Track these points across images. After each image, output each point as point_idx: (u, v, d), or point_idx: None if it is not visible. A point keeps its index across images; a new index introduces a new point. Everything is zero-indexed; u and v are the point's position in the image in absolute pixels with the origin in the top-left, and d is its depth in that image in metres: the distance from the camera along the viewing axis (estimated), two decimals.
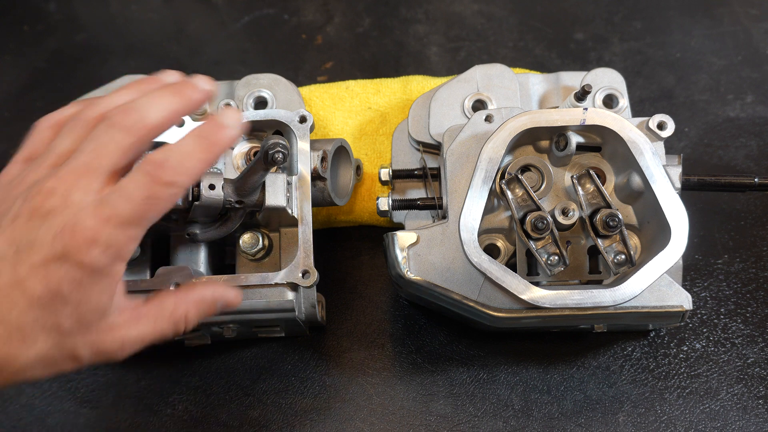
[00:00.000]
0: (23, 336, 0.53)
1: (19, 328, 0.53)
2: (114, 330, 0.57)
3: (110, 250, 0.53)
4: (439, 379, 0.82)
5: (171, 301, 0.61)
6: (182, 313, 0.61)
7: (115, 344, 0.57)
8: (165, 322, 0.60)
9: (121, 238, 0.54)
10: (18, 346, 0.53)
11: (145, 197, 0.54)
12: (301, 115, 0.77)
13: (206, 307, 0.63)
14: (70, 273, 0.52)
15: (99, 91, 0.84)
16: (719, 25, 1.02)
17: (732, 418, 0.78)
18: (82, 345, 0.55)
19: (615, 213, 0.69)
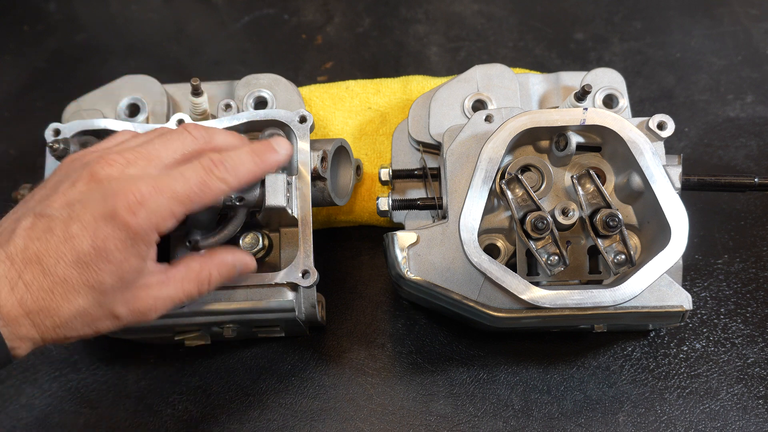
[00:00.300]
0: (66, 289, 0.57)
1: (64, 281, 0.57)
2: (147, 290, 0.61)
3: (154, 217, 0.59)
4: (439, 379, 0.82)
5: (196, 264, 0.65)
6: (206, 274, 0.65)
7: (149, 303, 0.62)
8: (191, 283, 0.64)
9: (166, 210, 0.59)
10: (61, 299, 0.57)
11: (199, 183, 0.61)
12: (301, 115, 0.77)
13: (227, 269, 0.67)
14: (116, 233, 0.58)
15: (99, 92, 0.84)
16: (719, 25, 1.02)
17: (732, 418, 0.78)
18: (120, 303, 0.60)
19: (615, 213, 0.69)
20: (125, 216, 0.58)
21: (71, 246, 0.57)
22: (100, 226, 0.58)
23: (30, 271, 0.57)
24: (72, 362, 0.85)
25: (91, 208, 0.58)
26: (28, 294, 0.57)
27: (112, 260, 0.58)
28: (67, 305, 0.58)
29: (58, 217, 0.58)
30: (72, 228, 0.57)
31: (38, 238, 0.58)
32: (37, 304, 0.57)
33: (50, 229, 0.58)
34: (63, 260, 0.57)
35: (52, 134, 0.77)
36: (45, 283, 0.57)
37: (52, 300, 0.57)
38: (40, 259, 0.57)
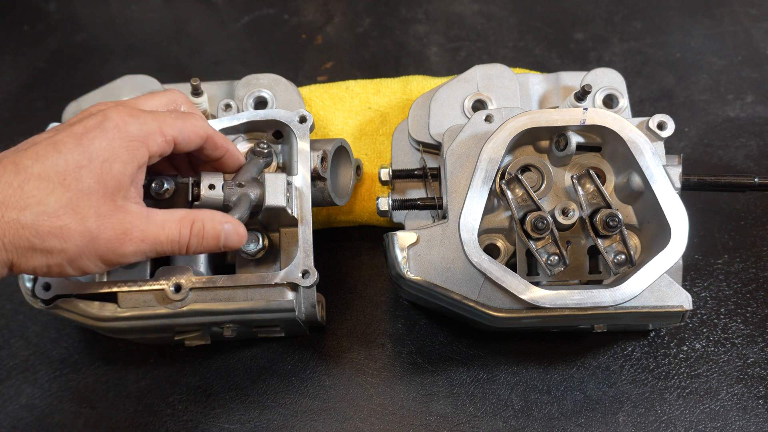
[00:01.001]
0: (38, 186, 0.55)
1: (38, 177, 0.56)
2: (126, 213, 0.59)
3: (145, 128, 0.60)
4: (439, 379, 0.82)
5: (181, 210, 0.63)
6: (189, 220, 0.63)
7: (125, 226, 0.58)
8: (173, 224, 0.62)
9: (155, 127, 0.61)
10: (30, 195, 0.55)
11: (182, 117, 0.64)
12: (301, 115, 0.77)
13: (212, 225, 0.64)
14: (105, 133, 0.58)
15: (99, 92, 0.84)
16: (719, 25, 1.02)
17: (732, 418, 0.78)
18: (94, 213, 0.57)
19: (615, 213, 0.69)
20: (116, 122, 0.59)
21: (54, 148, 0.57)
22: (89, 131, 0.58)
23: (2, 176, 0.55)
24: (72, 362, 0.85)
25: (81, 124, 0.59)
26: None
27: (94, 159, 0.57)
28: (35, 201, 0.55)
29: (43, 136, 0.59)
30: (59, 136, 0.58)
31: (20, 150, 0.58)
32: (3, 197, 0.55)
33: (35, 143, 0.58)
34: (42, 160, 0.56)
35: None
36: (15, 180, 0.55)
37: (20, 195, 0.55)
38: (15, 162, 0.56)
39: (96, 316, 0.73)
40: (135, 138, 0.60)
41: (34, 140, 0.59)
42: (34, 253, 0.56)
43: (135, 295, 0.73)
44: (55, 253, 0.56)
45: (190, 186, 0.69)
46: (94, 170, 0.57)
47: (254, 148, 0.74)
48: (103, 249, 0.58)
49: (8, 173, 0.55)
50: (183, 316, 0.73)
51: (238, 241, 0.66)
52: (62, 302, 0.73)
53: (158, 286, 0.72)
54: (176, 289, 0.72)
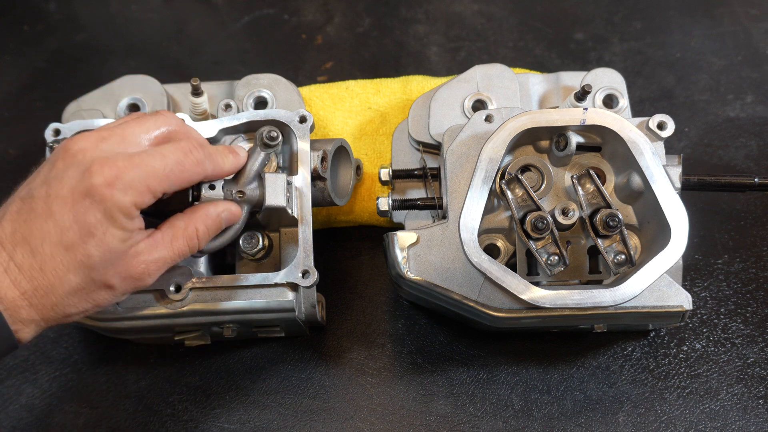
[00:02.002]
0: (56, 266, 0.58)
1: (52, 258, 0.58)
2: (137, 257, 0.62)
3: (131, 190, 0.59)
4: (439, 379, 0.82)
5: (181, 222, 0.65)
6: (193, 229, 0.65)
7: (141, 268, 0.62)
8: (179, 240, 0.64)
9: (142, 184, 0.59)
10: (53, 277, 0.58)
11: (176, 162, 0.61)
12: (301, 115, 0.77)
13: (212, 221, 0.67)
14: (95, 206, 0.58)
15: (99, 92, 0.84)
16: (719, 25, 1.02)
17: (732, 418, 0.78)
18: (112, 274, 0.60)
19: (615, 213, 0.69)
20: (102, 190, 0.58)
21: (54, 223, 0.58)
22: (78, 201, 0.58)
23: (20, 253, 0.58)
24: (72, 362, 0.85)
25: (67, 183, 0.59)
26: (21, 275, 0.58)
27: (95, 234, 0.58)
28: (59, 282, 0.59)
29: (38, 196, 0.59)
30: (52, 205, 0.58)
31: (24, 220, 0.59)
32: (32, 284, 0.58)
33: (33, 209, 0.59)
34: (48, 238, 0.58)
35: (52, 134, 0.77)
36: (35, 262, 0.58)
37: (45, 278, 0.58)
38: (27, 240, 0.58)
39: (96, 316, 0.73)
40: (124, 205, 0.59)
41: (31, 205, 0.59)
42: (68, 317, 0.62)
43: (135, 295, 0.73)
44: (88, 310, 0.62)
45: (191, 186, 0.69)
46: (98, 244, 0.59)
47: (264, 139, 0.70)
48: (129, 290, 0.63)
49: (27, 255, 0.58)
50: (183, 316, 0.73)
51: (235, 219, 0.69)
52: None
53: (158, 286, 0.72)
54: (176, 289, 0.72)
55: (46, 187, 0.59)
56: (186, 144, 0.63)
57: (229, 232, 0.70)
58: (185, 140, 0.64)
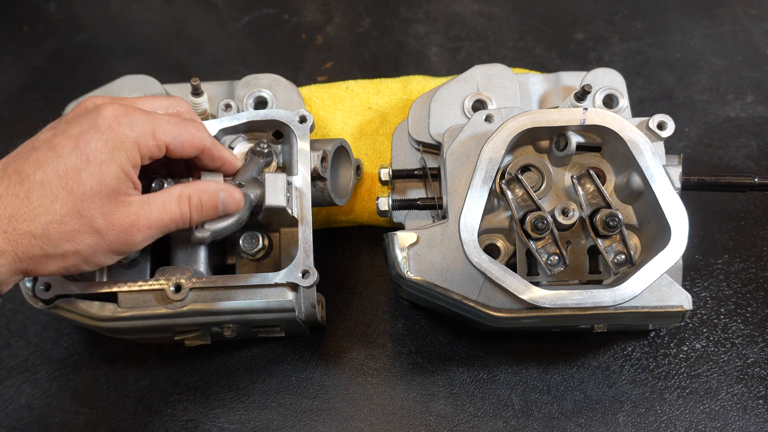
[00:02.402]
0: (43, 193, 0.57)
1: (41, 185, 0.57)
2: (129, 206, 0.60)
3: (137, 128, 0.60)
4: (439, 379, 0.82)
5: (177, 188, 0.64)
6: (187, 195, 0.64)
7: (130, 218, 0.60)
8: (173, 203, 0.63)
9: (147, 127, 0.61)
10: (36, 204, 0.57)
11: (182, 124, 0.64)
12: (301, 115, 0.77)
13: (209, 195, 0.65)
14: (99, 135, 0.59)
15: (99, 92, 0.84)
16: (719, 25, 1.02)
17: (732, 418, 0.78)
18: (99, 213, 0.59)
19: (615, 213, 0.69)
20: (108, 121, 0.59)
21: (53, 152, 0.58)
22: (84, 132, 0.59)
23: (5, 183, 0.57)
24: (72, 362, 0.85)
25: (77, 123, 0.60)
26: (0, 202, 0.56)
27: (91, 161, 0.58)
28: (43, 210, 0.57)
29: (41, 138, 0.60)
30: (56, 140, 0.59)
31: (21, 156, 0.59)
32: (8, 211, 0.56)
33: (35, 147, 0.59)
34: (43, 166, 0.57)
35: None
36: (21, 190, 0.57)
37: (27, 206, 0.57)
38: (18, 171, 0.57)
39: (96, 316, 0.73)
40: (127, 139, 0.60)
41: (33, 144, 0.60)
42: (48, 259, 0.59)
43: (135, 295, 0.73)
44: (69, 255, 0.59)
45: None
46: (93, 172, 0.58)
47: (254, 148, 0.74)
48: (114, 243, 0.60)
49: (13, 184, 0.57)
50: (183, 316, 0.73)
51: (235, 205, 0.67)
52: (62, 302, 0.73)
53: (158, 286, 0.72)
54: (176, 289, 0.72)
55: (52, 130, 0.60)
56: (193, 121, 0.66)
57: (231, 219, 0.69)
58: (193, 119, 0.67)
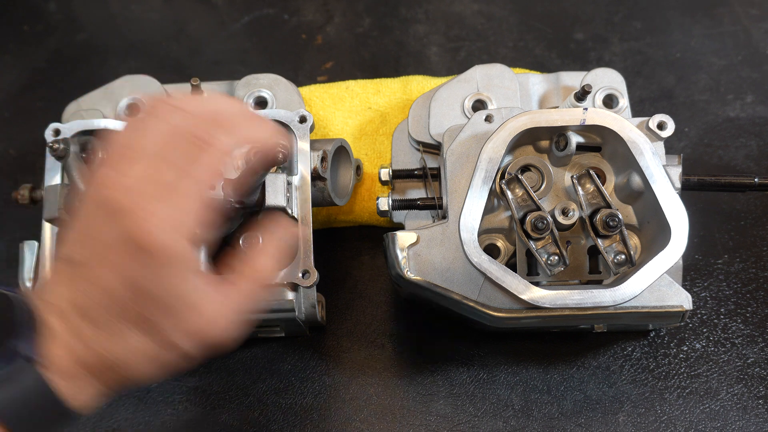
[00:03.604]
0: (112, 331, 0.52)
1: (107, 323, 0.52)
2: (200, 309, 0.53)
3: (174, 228, 0.51)
4: (439, 379, 0.82)
5: (246, 258, 0.57)
6: (261, 268, 0.58)
7: (205, 323, 0.53)
8: (248, 282, 0.57)
9: (187, 215, 0.51)
10: (108, 341, 0.52)
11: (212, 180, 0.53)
12: (301, 115, 0.77)
13: (279, 254, 0.59)
14: (138, 257, 0.50)
15: (99, 92, 0.84)
16: (719, 25, 1.02)
17: (732, 418, 0.78)
18: (174, 331, 0.52)
19: (615, 213, 0.69)
20: (140, 236, 0.50)
21: (101, 287, 0.51)
22: (120, 257, 0.50)
23: (73, 320, 0.52)
24: None
25: (103, 238, 0.51)
26: (78, 342, 0.52)
27: (144, 290, 0.51)
28: (117, 347, 0.52)
29: (78, 254, 0.53)
30: (94, 269, 0.52)
31: (70, 283, 0.52)
32: (88, 352, 0.52)
33: (77, 273, 0.52)
34: (99, 303, 0.52)
35: (52, 134, 0.77)
36: (89, 329, 0.52)
37: (101, 343, 0.52)
38: (77, 305, 0.52)
39: None
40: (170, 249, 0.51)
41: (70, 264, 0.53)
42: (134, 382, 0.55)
43: None
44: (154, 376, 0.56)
45: None
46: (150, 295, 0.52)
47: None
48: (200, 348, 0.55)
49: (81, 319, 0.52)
50: None
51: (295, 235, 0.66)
52: None
53: None
54: None
55: (81, 245, 0.52)
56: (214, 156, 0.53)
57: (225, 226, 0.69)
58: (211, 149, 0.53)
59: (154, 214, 0.50)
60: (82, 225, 0.53)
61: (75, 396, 0.52)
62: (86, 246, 0.52)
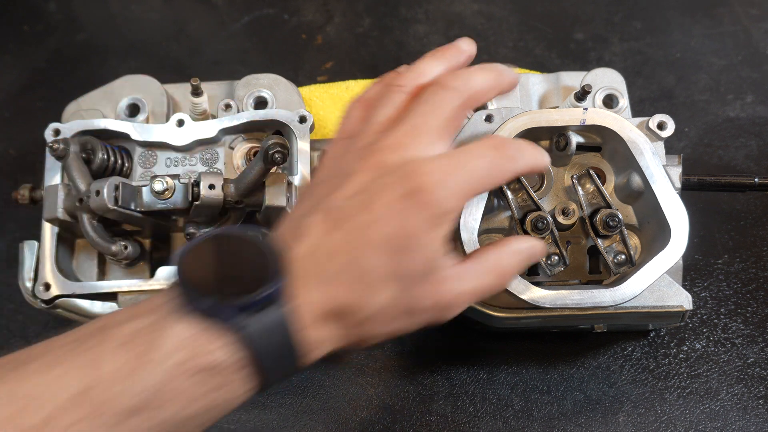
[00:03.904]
0: (372, 280, 0.52)
1: (370, 271, 0.52)
2: (446, 282, 0.55)
3: (453, 196, 0.53)
4: (439, 379, 0.82)
5: (492, 254, 0.60)
6: (504, 264, 0.60)
7: (449, 296, 0.55)
8: (489, 275, 0.59)
9: (461, 189, 0.54)
10: (366, 291, 0.52)
11: (491, 166, 0.56)
12: (301, 115, 0.77)
13: (523, 258, 0.61)
14: (421, 213, 0.52)
15: (99, 92, 0.84)
16: (719, 25, 1.02)
17: (732, 418, 0.78)
18: (421, 294, 0.54)
19: (615, 213, 0.69)
20: (427, 195, 0.52)
21: (374, 232, 0.52)
22: (403, 208, 0.52)
23: (334, 264, 0.51)
24: None
25: (387, 192, 0.53)
26: (333, 288, 0.51)
27: (418, 243, 0.52)
28: (372, 297, 0.52)
29: (351, 206, 0.53)
30: (374, 213, 0.52)
31: (337, 228, 0.52)
32: (343, 299, 0.52)
33: (349, 217, 0.52)
34: (368, 248, 0.52)
35: (52, 134, 0.77)
36: (351, 275, 0.52)
37: (359, 292, 0.52)
38: (344, 250, 0.52)
39: (96, 316, 0.73)
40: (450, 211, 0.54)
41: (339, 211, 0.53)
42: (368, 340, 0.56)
43: (135, 295, 0.73)
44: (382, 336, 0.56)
45: (190, 186, 0.70)
46: (419, 251, 0.54)
47: (272, 154, 0.67)
48: (429, 319, 0.57)
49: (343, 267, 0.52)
50: None
51: (541, 255, 0.65)
52: (62, 302, 0.73)
53: (158, 286, 0.72)
54: None
55: (360, 198, 0.53)
56: (495, 142, 0.58)
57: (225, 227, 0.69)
58: (492, 137, 0.60)
59: (444, 179, 0.53)
60: (349, 181, 0.54)
61: (310, 344, 0.51)
62: (359, 194, 0.53)
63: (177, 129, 0.77)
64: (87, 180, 0.72)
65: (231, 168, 0.79)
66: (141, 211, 0.71)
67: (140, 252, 0.76)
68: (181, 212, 0.72)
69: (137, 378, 0.46)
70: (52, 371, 0.46)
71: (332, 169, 0.58)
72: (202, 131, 0.76)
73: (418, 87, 0.61)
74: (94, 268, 0.78)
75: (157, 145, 0.77)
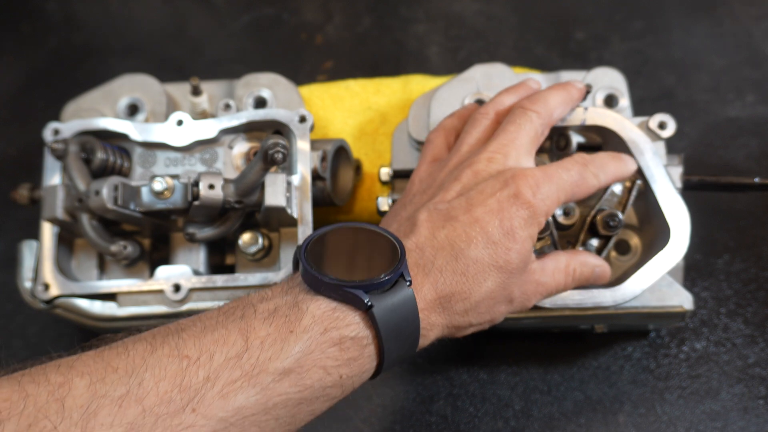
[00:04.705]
0: (477, 270, 0.58)
1: (475, 262, 0.58)
2: (532, 274, 0.62)
3: (548, 200, 0.61)
4: (439, 379, 0.82)
5: (564, 258, 0.65)
6: (573, 268, 0.65)
7: (533, 288, 0.62)
8: (560, 273, 0.64)
9: (554, 195, 0.61)
10: (472, 281, 0.58)
11: (578, 175, 0.64)
12: (300, 114, 0.77)
13: (588, 269, 0.67)
14: (521, 211, 0.59)
15: (98, 91, 0.84)
16: (720, 25, 1.01)
17: (733, 418, 0.78)
18: (516, 285, 0.61)
19: (615, 213, 0.69)
20: (528, 196, 0.59)
21: (480, 227, 0.58)
22: (505, 206, 0.59)
23: (442, 256, 0.58)
24: None
25: (487, 193, 0.60)
26: (442, 277, 0.57)
27: (517, 239, 0.59)
28: (477, 286, 0.58)
29: (456, 206, 0.60)
30: (475, 212, 0.59)
31: (442, 226, 0.59)
32: (450, 288, 0.58)
33: (452, 217, 0.60)
34: (474, 242, 0.58)
35: (52, 134, 0.77)
36: (458, 266, 0.58)
37: (464, 282, 0.58)
38: (450, 244, 0.58)
39: (96, 316, 0.73)
40: (541, 213, 0.61)
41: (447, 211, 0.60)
42: (468, 328, 0.61)
43: (134, 295, 0.73)
44: (484, 323, 0.62)
45: (190, 186, 0.69)
46: (519, 251, 0.59)
47: (272, 153, 0.67)
48: (516, 309, 0.63)
49: (450, 258, 0.58)
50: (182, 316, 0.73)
51: (604, 281, 0.69)
52: (62, 302, 0.73)
53: (158, 286, 0.72)
54: (175, 289, 0.72)
55: (465, 198, 0.61)
56: (580, 158, 0.65)
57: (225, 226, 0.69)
58: (578, 154, 0.66)
59: (539, 185, 0.61)
60: (454, 184, 0.63)
61: (425, 327, 0.57)
62: (463, 195, 0.61)
63: (176, 129, 0.77)
64: (86, 180, 0.72)
65: (230, 168, 0.79)
66: (140, 211, 0.71)
67: (140, 252, 0.76)
68: (181, 212, 0.71)
69: (284, 345, 0.50)
70: (206, 337, 0.50)
71: (427, 183, 0.66)
72: (202, 131, 0.76)
73: (499, 113, 0.69)
74: (93, 268, 0.78)
75: (157, 144, 0.77)
